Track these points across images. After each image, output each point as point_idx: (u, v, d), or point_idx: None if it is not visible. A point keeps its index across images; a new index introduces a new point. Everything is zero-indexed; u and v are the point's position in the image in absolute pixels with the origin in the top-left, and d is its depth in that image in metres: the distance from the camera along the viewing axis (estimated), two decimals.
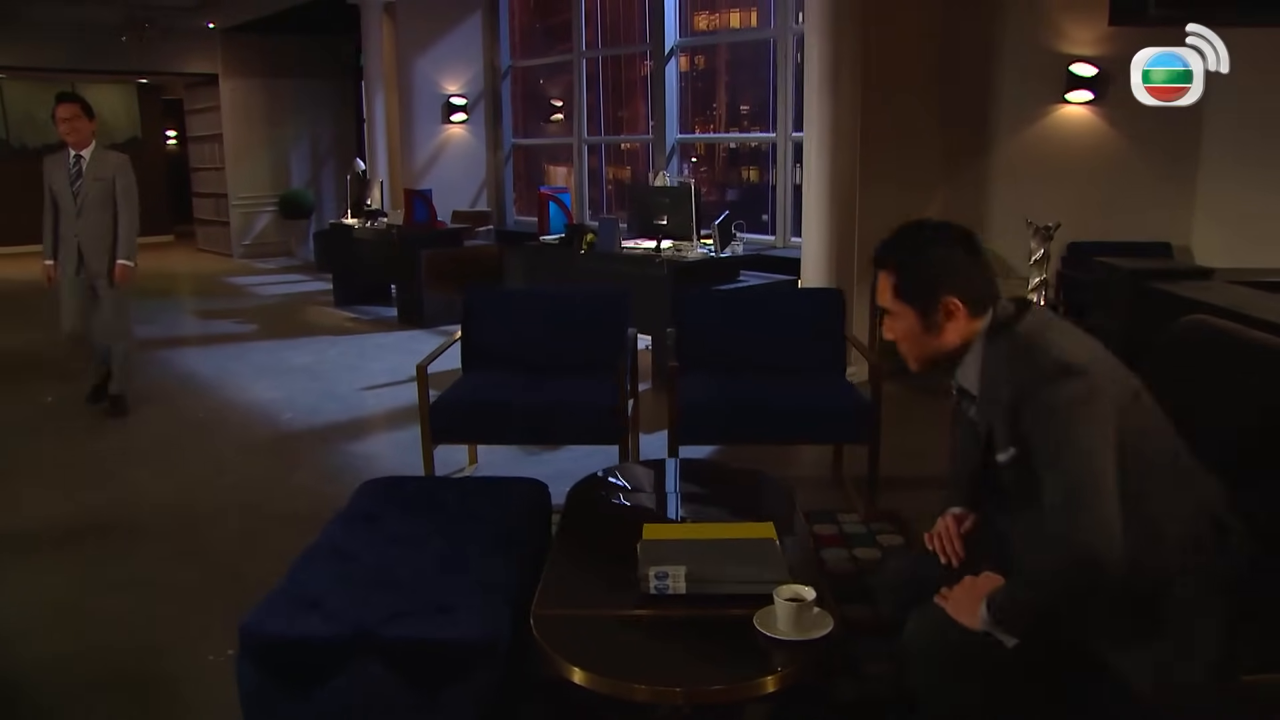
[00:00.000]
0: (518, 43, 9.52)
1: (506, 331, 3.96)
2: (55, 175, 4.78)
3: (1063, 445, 1.61)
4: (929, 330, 1.79)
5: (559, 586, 2.06)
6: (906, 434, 4.11)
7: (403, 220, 7.35)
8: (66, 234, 4.78)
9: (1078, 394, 1.61)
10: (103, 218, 4.78)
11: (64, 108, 4.74)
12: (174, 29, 10.54)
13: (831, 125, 5.16)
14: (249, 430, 4.88)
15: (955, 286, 1.76)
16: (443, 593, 2.01)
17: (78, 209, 4.74)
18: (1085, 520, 1.56)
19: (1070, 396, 1.61)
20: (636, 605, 1.94)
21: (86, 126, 4.75)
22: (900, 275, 1.80)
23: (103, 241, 4.80)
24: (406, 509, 2.42)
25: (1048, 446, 1.63)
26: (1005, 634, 1.65)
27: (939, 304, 1.76)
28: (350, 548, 2.20)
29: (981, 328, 1.78)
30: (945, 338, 1.79)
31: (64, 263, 4.82)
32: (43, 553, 3.40)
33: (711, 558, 2.04)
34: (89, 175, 4.74)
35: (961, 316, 1.76)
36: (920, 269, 1.78)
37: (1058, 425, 1.61)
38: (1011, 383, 1.69)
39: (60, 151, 4.83)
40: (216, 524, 3.65)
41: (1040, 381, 1.64)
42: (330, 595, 1.99)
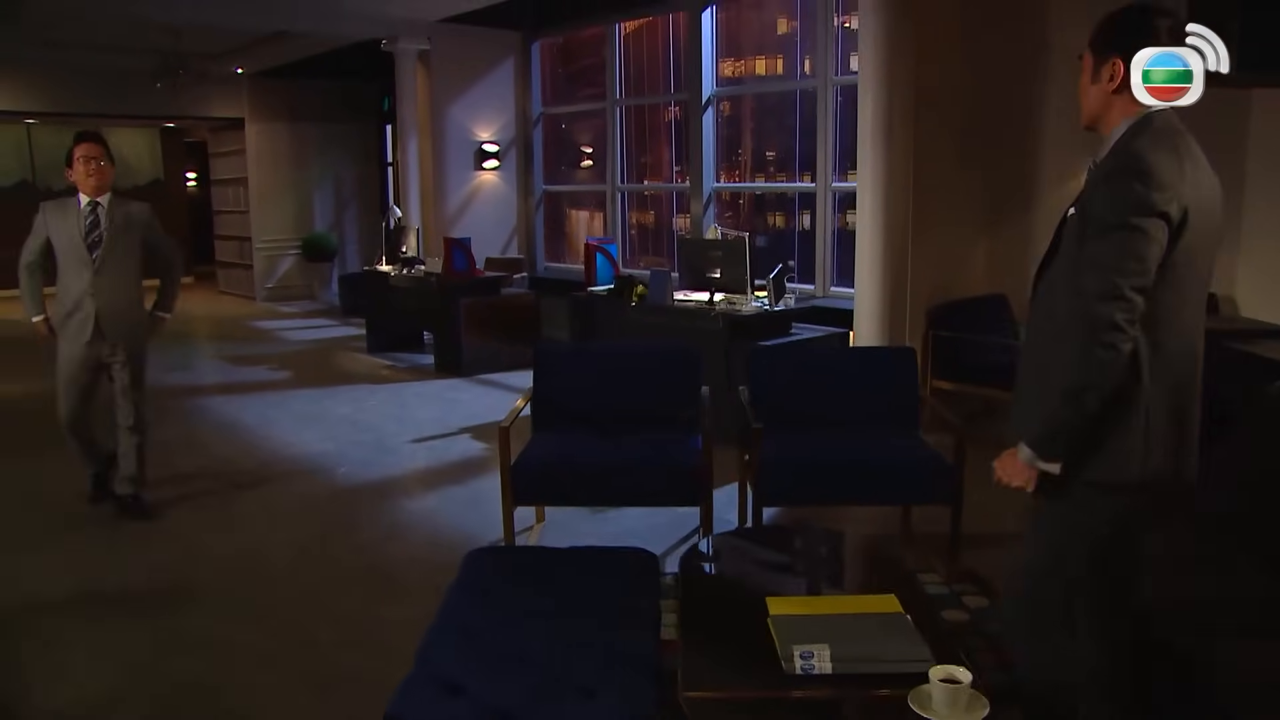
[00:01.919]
0: (548, 90, 9.61)
1: (577, 389, 3.93)
2: (61, 225, 4.02)
3: (1101, 249, 1.84)
4: (1095, 82, 1.99)
5: (699, 666, 2.02)
6: (979, 493, 4.05)
7: (442, 268, 7.34)
8: (75, 294, 4.01)
9: (1125, 190, 1.83)
10: (127, 275, 4.11)
11: (87, 147, 4.04)
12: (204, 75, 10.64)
13: (885, 178, 5.18)
14: (303, 483, 4.82)
15: (1125, 55, 1.95)
16: (581, 673, 1.96)
17: (95, 265, 4.01)
18: (1108, 307, 1.80)
19: (1119, 202, 1.83)
20: (783, 686, 1.92)
21: (110, 170, 4.08)
22: (1096, 33, 2.02)
23: (127, 302, 4.11)
24: (522, 582, 2.38)
25: (1097, 220, 1.86)
26: (1048, 463, 1.91)
27: (1108, 62, 1.96)
28: (475, 624, 2.15)
29: (1135, 113, 1.95)
30: (1101, 97, 1.99)
31: (70, 332, 4.04)
32: (112, 613, 3.35)
33: (849, 635, 2.03)
34: (111, 226, 4.03)
35: (1120, 83, 1.95)
36: (1114, 27, 2.00)
37: (1096, 216, 1.86)
38: (1113, 153, 1.94)
39: (65, 199, 4.10)
40: (284, 583, 3.59)
41: (1112, 166, 1.89)
42: (469, 678, 1.93)
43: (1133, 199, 1.81)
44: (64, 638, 3.15)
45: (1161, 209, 1.81)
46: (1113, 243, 1.81)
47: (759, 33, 8.68)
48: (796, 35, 8.44)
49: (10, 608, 3.41)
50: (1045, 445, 1.90)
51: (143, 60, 10.55)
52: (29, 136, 12.81)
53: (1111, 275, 1.80)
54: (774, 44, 8.82)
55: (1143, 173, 1.82)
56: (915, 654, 1.98)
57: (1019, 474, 1.96)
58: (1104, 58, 1.97)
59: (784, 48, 8.63)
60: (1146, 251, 1.81)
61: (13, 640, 3.15)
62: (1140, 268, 1.81)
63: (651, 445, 3.58)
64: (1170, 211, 1.82)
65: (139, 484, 4.31)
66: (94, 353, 4.10)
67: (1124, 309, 1.80)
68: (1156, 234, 1.81)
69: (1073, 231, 1.94)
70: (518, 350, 7.51)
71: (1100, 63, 1.98)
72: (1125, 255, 1.81)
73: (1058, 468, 1.91)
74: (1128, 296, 1.80)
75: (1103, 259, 1.82)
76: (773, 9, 8.48)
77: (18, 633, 3.21)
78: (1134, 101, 1.94)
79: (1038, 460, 1.91)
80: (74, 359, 4.09)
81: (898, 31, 5.12)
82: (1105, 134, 2.00)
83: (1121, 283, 1.80)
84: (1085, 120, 2.07)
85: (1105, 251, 1.82)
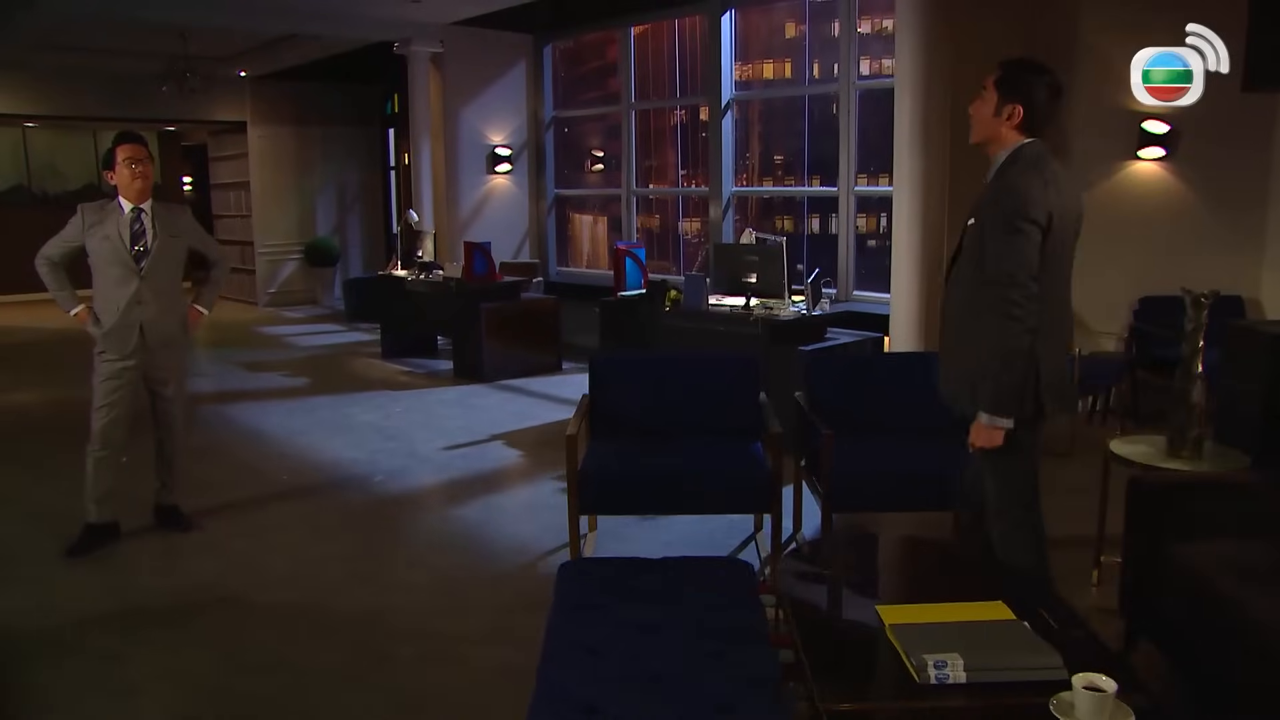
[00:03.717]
0: (559, 93, 9.55)
1: (634, 397, 3.88)
2: (102, 232, 3.80)
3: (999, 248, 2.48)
4: (995, 116, 2.59)
5: (829, 677, 1.98)
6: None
7: (462, 273, 7.27)
8: (119, 304, 3.83)
9: (1014, 203, 2.47)
10: (174, 283, 3.98)
11: (132, 149, 3.82)
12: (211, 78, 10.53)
13: (923, 181, 5.17)
14: (340, 493, 4.74)
15: (1027, 103, 2.55)
16: (714, 690, 1.92)
17: (141, 273, 3.84)
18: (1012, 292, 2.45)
19: (1008, 212, 2.47)
20: (917, 696, 1.90)
21: (152, 173, 3.90)
22: (1006, 72, 2.60)
23: (172, 311, 3.95)
24: (626, 596, 2.32)
25: (991, 228, 2.50)
26: (1004, 419, 2.51)
27: (1011, 105, 2.56)
28: (592, 641, 2.09)
29: (1017, 142, 2.58)
30: (999, 130, 2.59)
31: (111, 344, 3.86)
32: (166, 630, 3.25)
33: (976, 643, 2.02)
34: (159, 232, 3.86)
35: (1015, 122, 2.56)
36: (1018, 78, 2.58)
37: (995, 222, 2.50)
38: (1002, 181, 2.56)
39: (104, 203, 3.87)
40: (342, 598, 3.50)
41: (1001, 184, 2.54)
42: (601, 698, 1.88)
43: (1016, 212, 2.46)
44: (119, 656, 3.05)
45: (1032, 217, 2.46)
46: (1007, 244, 2.47)
47: (767, 36, 8.66)
48: (805, 39, 8.45)
49: (55, 624, 3.29)
50: (1000, 408, 2.51)
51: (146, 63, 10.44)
52: (24, 140, 12.61)
53: (1011, 268, 2.46)
54: (782, 48, 8.81)
55: (1019, 193, 2.49)
56: (1048, 661, 1.98)
57: (991, 437, 2.54)
58: (1009, 101, 2.57)
59: (792, 52, 8.63)
60: (1031, 248, 2.46)
61: (64, 659, 3.05)
62: (1029, 260, 2.46)
63: (718, 452, 3.54)
64: (1040, 219, 2.47)
65: (176, 494, 4.21)
66: (136, 366, 3.92)
67: (1023, 291, 2.45)
68: (1034, 235, 2.47)
69: (974, 237, 2.58)
70: (538, 356, 7.46)
71: (1004, 102, 2.57)
72: (1018, 252, 2.45)
73: (1012, 423, 2.52)
74: (1023, 282, 2.45)
75: (1003, 257, 2.47)
76: (781, 13, 8.47)
77: (67, 651, 3.11)
78: (1017, 136, 2.58)
79: (998, 420, 2.51)
80: (115, 374, 3.88)
81: (935, 34, 5.10)
82: (991, 156, 2.64)
83: (1018, 273, 2.45)
84: (975, 139, 2.69)
85: (1003, 252, 2.47)
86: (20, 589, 3.60)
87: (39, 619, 3.34)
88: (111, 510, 4.02)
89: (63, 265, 3.94)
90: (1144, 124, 5.68)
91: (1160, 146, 5.69)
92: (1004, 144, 2.60)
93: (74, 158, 13.26)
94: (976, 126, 2.65)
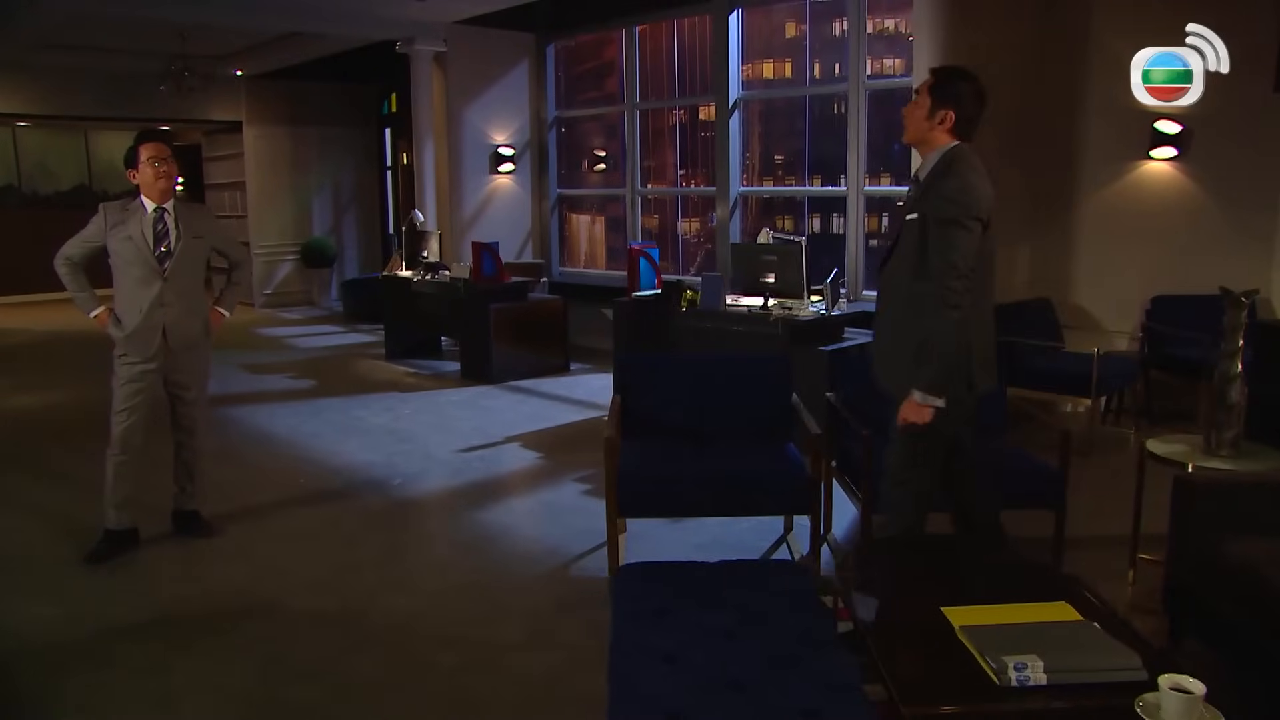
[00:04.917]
0: (562, 93, 9.51)
1: (665, 399, 3.85)
2: (125, 232, 3.73)
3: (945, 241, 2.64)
4: (929, 119, 2.76)
5: (908, 680, 1.96)
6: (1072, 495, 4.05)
7: (470, 273, 7.22)
8: (141, 306, 3.76)
9: (958, 202, 2.64)
10: (196, 284, 3.92)
11: (156, 147, 3.75)
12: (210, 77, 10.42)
13: None
14: (360, 497, 4.68)
15: (957, 108, 2.74)
16: (796, 695, 1.90)
17: (164, 273, 3.77)
18: (955, 282, 2.62)
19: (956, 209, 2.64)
20: (999, 699, 1.90)
21: (175, 172, 3.84)
22: (939, 79, 2.78)
23: (195, 313, 3.89)
24: (692, 600, 2.29)
25: (939, 223, 2.65)
26: (935, 398, 2.68)
27: (943, 110, 2.73)
28: (665, 646, 2.07)
29: (948, 143, 2.76)
30: (931, 132, 2.77)
31: (133, 347, 3.78)
32: (202, 638, 3.20)
33: (1051, 645, 2.02)
34: (182, 232, 3.79)
35: (948, 126, 2.75)
36: (950, 84, 2.77)
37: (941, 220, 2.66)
38: (934, 175, 2.73)
39: (126, 202, 3.81)
40: (376, 604, 3.45)
41: (943, 185, 2.69)
42: (684, 705, 1.85)
43: (961, 209, 2.63)
44: (158, 666, 3.00)
45: (977, 215, 2.65)
46: (952, 238, 2.62)
47: (767, 36, 8.66)
48: (805, 39, 8.45)
49: (84, 634, 3.24)
50: (935, 389, 2.67)
51: (141, 63, 10.32)
52: (14, 140, 12.44)
53: (955, 260, 2.61)
54: (782, 48, 8.81)
55: (965, 191, 2.66)
56: (1127, 662, 1.98)
57: (921, 414, 2.70)
58: (941, 105, 2.74)
59: (792, 51, 8.63)
60: (972, 243, 2.64)
61: (99, 669, 3.00)
62: (969, 254, 2.63)
63: (756, 454, 3.52)
64: (984, 216, 2.67)
65: (198, 499, 4.15)
66: (158, 369, 3.85)
67: (964, 283, 2.62)
68: (976, 230, 2.65)
69: (913, 233, 2.73)
70: (546, 357, 7.42)
71: (937, 107, 2.75)
72: (961, 246, 2.62)
73: (943, 401, 2.68)
74: (964, 274, 2.62)
75: (946, 250, 2.62)
76: (782, 13, 8.46)
77: (101, 661, 3.05)
78: (947, 138, 2.75)
79: (930, 399, 2.68)
80: (136, 377, 3.80)
81: (955, 34, 5.11)
82: (923, 155, 2.82)
83: (960, 265, 2.62)
84: (908, 140, 2.88)
85: (947, 246, 2.62)
86: (44, 598, 3.53)
87: (67, 629, 3.28)
88: (131, 516, 3.96)
89: (82, 266, 3.87)
90: (1156, 124, 5.70)
91: (1172, 146, 5.71)
92: (934, 145, 2.77)
93: (65, 158, 13.09)
94: (910, 128, 2.82)
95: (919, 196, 2.75)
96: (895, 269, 2.83)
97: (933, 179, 2.73)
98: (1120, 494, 4.13)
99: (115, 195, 13.12)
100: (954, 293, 2.61)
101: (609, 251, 9.98)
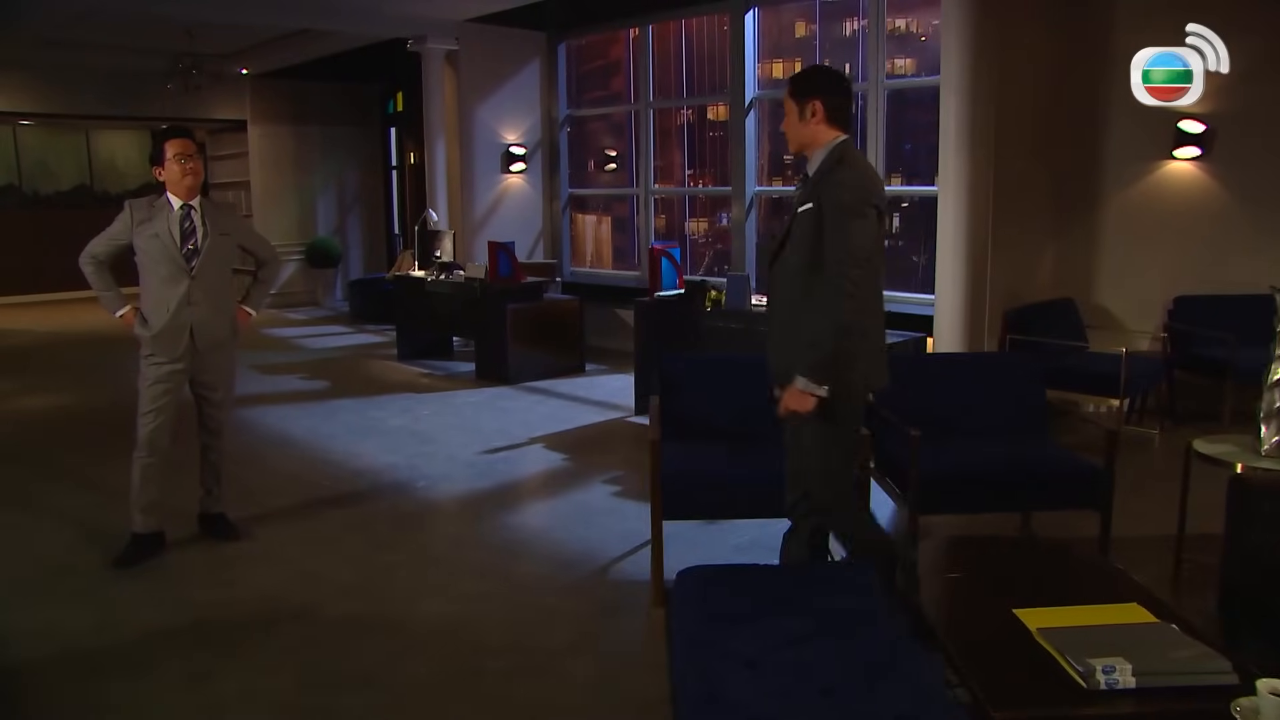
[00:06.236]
0: (573, 91, 9.46)
1: (705, 400, 3.81)
2: (151, 229, 3.67)
3: (843, 228, 2.62)
4: (802, 120, 2.77)
5: (994, 685, 1.93)
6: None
7: (485, 273, 7.16)
8: (168, 305, 3.70)
9: (855, 191, 2.65)
10: (224, 282, 3.87)
11: (182, 143, 3.68)
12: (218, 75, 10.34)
13: (969, 182, 5.14)
14: (386, 499, 4.62)
15: (823, 98, 2.74)
16: (886, 700, 1.86)
17: (191, 271, 3.72)
18: (854, 271, 2.60)
19: (854, 196, 2.64)
20: (1088, 702, 1.88)
21: (202, 169, 3.79)
22: (795, 84, 2.81)
23: (222, 312, 3.84)
24: (762, 602, 2.25)
25: (834, 214, 2.63)
26: (819, 386, 2.63)
27: (808, 103, 2.75)
28: (745, 651, 2.02)
29: (833, 137, 2.75)
30: (809, 130, 2.76)
31: (160, 346, 3.73)
32: (250, 645, 3.13)
33: (1134, 648, 2.00)
34: (209, 230, 3.74)
35: (821, 118, 2.74)
36: (805, 79, 2.81)
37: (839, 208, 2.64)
38: (825, 168, 2.73)
39: (153, 199, 3.75)
40: (417, 609, 3.40)
41: (838, 175, 2.69)
42: (772, 711, 1.81)
43: (858, 199, 2.63)
44: (199, 672, 2.94)
45: (873, 204, 2.66)
46: (851, 228, 2.61)
47: (776, 36, 8.63)
48: (815, 39, 8.42)
49: (121, 641, 3.18)
50: (819, 375, 2.62)
51: (145, 60, 10.23)
52: (15, 138, 12.32)
53: (853, 249, 2.60)
54: (792, 48, 8.78)
55: (861, 179, 2.68)
56: (1217, 666, 1.95)
57: (803, 402, 2.65)
58: (805, 101, 2.75)
59: (802, 51, 8.60)
60: (870, 230, 2.65)
61: (140, 676, 2.94)
62: (868, 242, 2.64)
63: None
64: (879, 205, 2.68)
65: (224, 502, 4.10)
66: (184, 369, 3.80)
67: (861, 271, 2.61)
68: (873, 218, 2.66)
69: (806, 223, 2.70)
70: (561, 358, 7.37)
71: (803, 105, 2.76)
72: (860, 235, 2.61)
73: (826, 390, 2.63)
74: (861, 262, 2.61)
75: (846, 239, 2.61)
76: (791, 13, 8.43)
77: (142, 667, 2.99)
78: (828, 131, 2.75)
79: (813, 386, 2.62)
80: (163, 378, 3.74)
81: (981, 33, 5.08)
82: (810, 156, 2.80)
83: (859, 253, 2.61)
84: (794, 148, 2.86)
85: (847, 236, 2.61)
86: (77, 604, 3.47)
87: (104, 635, 3.22)
88: (158, 519, 3.90)
89: (108, 264, 3.81)
90: (1180, 123, 5.69)
91: (1195, 146, 5.70)
92: (819, 143, 2.76)
93: (66, 157, 12.96)
94: (791, 137, 2.83)
95: (812, 189, 2.73)
96: (787, 262, 2.80)
97: (824, 172, 2.72)
98: (1149, 495, 4.11)
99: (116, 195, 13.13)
100: (851, 282, 2.59)
101: (615, 252, 9.94)
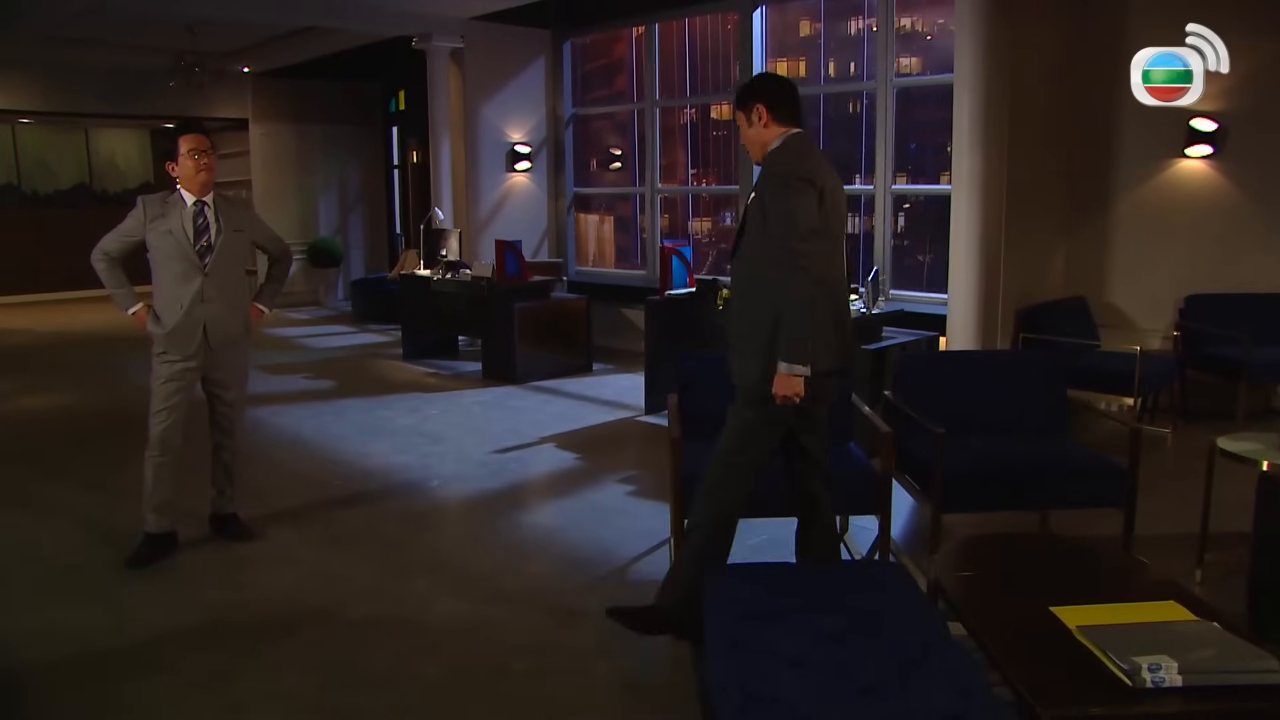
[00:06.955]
0: (578, 90, 9.42)
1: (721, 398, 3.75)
2: (165, 226, 3.62)
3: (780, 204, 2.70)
4: (751, 127, 2.86)
5: (1039, 683, 1.91)
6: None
7: (493, 272, 7.12)
8: (181, 302, 3.66)
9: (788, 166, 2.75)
10: (238, 280, 3.84)
11: (195, 139, 3.64)
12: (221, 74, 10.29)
13: (982, 181, 5.11)
14: (399, 500, 4.59)
15: (764, 100, 2.84)
16: (929, 698, 1.84)
17: (205, 268, 3.68)
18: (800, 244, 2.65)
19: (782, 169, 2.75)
20: (1134, 700, 1.87)
21: (215, 165, 3.73)
22: (737, 96, 2.90)
23: (236, 309, 3.81)
24: (797, 601, 2.22)
25: (772, 192, 2.73)
26: (801, 367, 2.66)
27: (752, 109, 2.84)
28: (785, 650, 1.99)
29: (784, 133, 2.83)
30: (760, 134, 2.85)
31: (173, 344, 3.69)
32: (268, 646, 3.10)
33: (1179, 646, 1.98)
34: (223, 226, 3.70)
35: (766, 119, 2.84)
36: (746, 88, 2.90)
37: (775, 184, 2.75)
38: (771, 159, 2.82)
39: (166, 195, 3.70)
40: (436, 609, 3.36)
41: (774, 158, 2.81)
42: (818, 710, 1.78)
43: (791, 173, 2.71)
44: (216, 673, 2.90)
45: (809, 179, 2.70)
46: (788, 200, 2.67)
47: (781, 34, 8.60)
48: (820, 38, 8.39)
49: (134, 641, 3.14)
50: (797, 356, 2.65)
51: (147, 58, 10.18)
52: (14, 136, 12.25)
53: (795, 217, 2.65)
54: (796, 46, 8.75)
55: (792, 162, 2.75)
56: (1266, 665, 1.93)
57: (792, 386, 2.67)
58: (749, 107, 2.85)
59: (806, 49, 8.57)
60: (809, 201, 2.68)
61: (154, 677, 2.90)
62: (806, 213, 2.67)
63: None
64: (815, 182, 2.71)
65: (237, 502, 4.06)
66: (197, 368, 3.76)
67: (807, 242, 2.65)
68: (807, 191, 2.69)
69: (755, 215, 2.77)
70: (569, 357, 7.34)
71: (748, 112, 2.85)
72: (799, 205, 2.66)
73: (809, 370, 2.66)
74: (805, 233, 2.65)
75: (786, 211, 2.66)
76: (796, 11, 8.41)
77: (158, 667, 2.95)
78: (778, 131, 2.83)
79: (796, 369, 2.65)
80: (175, 376, 3.71)
81: (995, 32, 5.05)
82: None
83: (800, 224, 2.65)
84: (754, 158, 2.91)
85: (786, 207, 2.66)
86: (90, 605, 3.42)
87: (117, 635, 3.18)
88: (171, 519, 3.86)
89: (120, 261, 3.77)
90: (1192, 121, 5.67)
91: (1207, 144, 5.68)
92: (769, 142, 2.85)
93: (65, 156, 12.90)
94: (750, 147, 2.91)
95: (756, 180, 2.84)
96: (742, 253, 2.87)
97: (767, 163, 2.82)
98: (1164, 493, 4.09)
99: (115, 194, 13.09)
100: (801, 254, 2.63)
101: (618, 251, 9.90)
